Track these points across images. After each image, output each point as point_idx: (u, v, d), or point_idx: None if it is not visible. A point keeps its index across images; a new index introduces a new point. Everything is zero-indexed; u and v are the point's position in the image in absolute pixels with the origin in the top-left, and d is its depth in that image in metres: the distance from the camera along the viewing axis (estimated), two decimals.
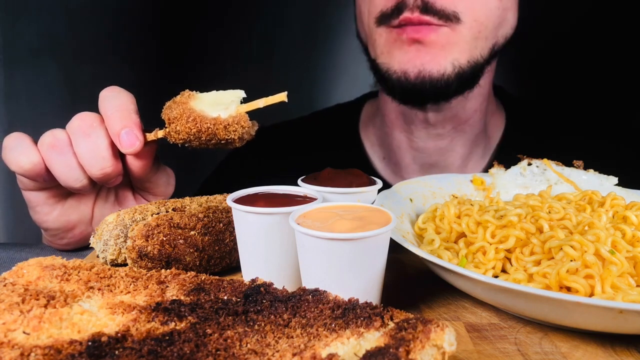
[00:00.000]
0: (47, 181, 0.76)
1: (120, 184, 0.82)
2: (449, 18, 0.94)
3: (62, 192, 0.80)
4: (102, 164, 0.73)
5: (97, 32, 1.84)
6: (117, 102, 0.74)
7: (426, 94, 0.99)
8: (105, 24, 1.84)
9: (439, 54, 0.96)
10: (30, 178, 0.75)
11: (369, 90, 1.38)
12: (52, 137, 0.73)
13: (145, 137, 0.74)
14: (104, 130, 0.73)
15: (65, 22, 1.81)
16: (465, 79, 1.00)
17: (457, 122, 1.11)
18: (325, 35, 1.88)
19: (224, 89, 0.76)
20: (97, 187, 0.83)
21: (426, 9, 0.93)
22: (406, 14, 0.94)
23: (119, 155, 0.76)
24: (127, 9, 1.85)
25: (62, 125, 0.76)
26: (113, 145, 0.74)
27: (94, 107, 0.76)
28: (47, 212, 0.80)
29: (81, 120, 0.73)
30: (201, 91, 0.74)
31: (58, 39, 1.81)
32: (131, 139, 0.72)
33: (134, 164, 0.76)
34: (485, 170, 1.07)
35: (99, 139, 0.73)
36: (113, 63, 1.83)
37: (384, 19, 0.98)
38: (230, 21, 1.90)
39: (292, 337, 0.42)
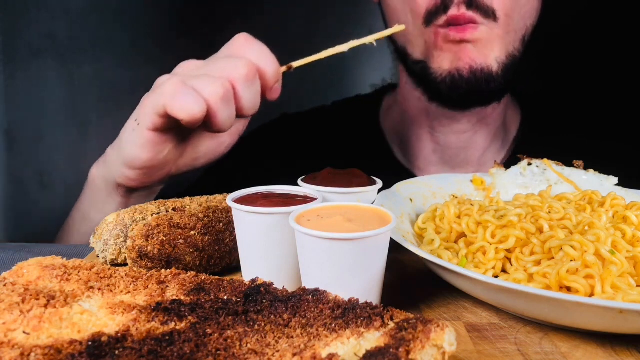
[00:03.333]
0: (196, 126, 0.76)
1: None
2: (488, 15, 0.96)
3: (182, 132, 0.82)
4: (255, 109, 0.78)
5: (97, 32, 1.84)
6: (268, 55, 0.77)
7: (480, 92, 1.00)
8: (105, 24, 1.84)
9: (483, 50, 0.98)
10: (190, 125, 0.74)
11: (369, 90, 1.38)
12: (223, 88, 0.73)
13: None
14: (258, 76, 0.77)
15: (65, 22, 1.81)
16: (509, 74, 1.02)
17: (482, 115, 1.12)
18: (325, 35, 1.88)
19: None
20: None
21: (470, 3, 0.95)
22: (453, 11, 0.95)
23: None
24: (128, 9, 1.85)
25: (63, 126, 0.76)
26: None
27: (94, 106, 0.76)
28: (161, 150, 0.80)
29: (249, 69, 0.74)
30: None
31: (58, 39, 1.81)
32: (278, 92, 0.80)
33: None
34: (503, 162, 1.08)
35: (257, 87, 0.77)
36: (113, 63, 1.83)
37: (431, 17, 0.99)
38: (231, 21, 1.90)
39: (292, 337, 0.42)
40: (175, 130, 0.79)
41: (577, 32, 1.63)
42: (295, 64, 0.80)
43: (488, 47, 0.98)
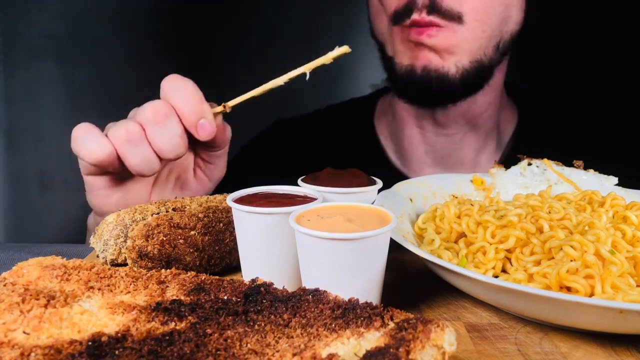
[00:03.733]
0: (117, 169, 0.77)
1: (182, 165, 0.87)
2: (452, 18, 0.97)
3: (123, 176, 0.81)
4: (177, 150, 0.76)
5: (97, 32, 1.84)
6: (186, 92, 0.76)
7: (432, 91, 1.01)
8: (105, 24, 1.84)
9: (442, 54, 0.99)
10: (101, 167, 0.76)
11: (369, 90, 1.39)
12: (126, 131, 0.73)
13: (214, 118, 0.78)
14: (177, 118, 0.76)
15: (65, 22, 1.81)
16: (469, 80, 1.02)
17: (470, 116, 1.12)
18: (325, 34, 1.88)
19: (224, 88, 0.77)
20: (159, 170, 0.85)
21: (433, 8, 0.96)
22: (414, 16, 0.97)
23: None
24: (127, 9, 1.85)
25: (63, 126, 0.76)
26: (185, 130, 0.77)
27: (93, 106, 0.77)
28: (107, 195, 0.81)
29: (155, 111, 0.74)
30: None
31: (58, 39, 1.81)
32: (207, 129, 0.76)
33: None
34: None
35: (173, 128, 0.75)
36: (113, 63, 1.83)
37: (397, 18, 1.00)
38: (230, 21, 1.90)
39: (292, 337, 0.42)
40: (114, 174, 0.80)
41: (575, 33, 1.63)
42: (230, 103, 0.79)
43: (448, 51, 0.99)
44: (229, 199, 0.63)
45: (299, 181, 0.71)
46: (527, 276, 0.60)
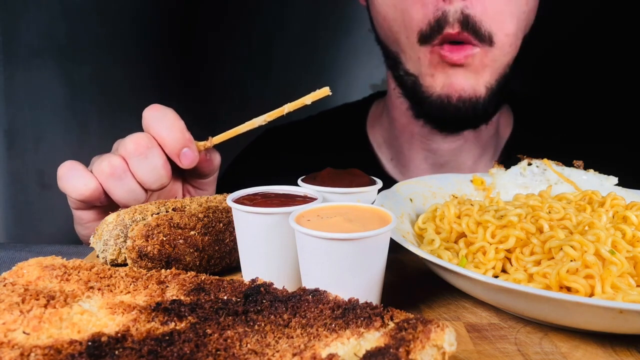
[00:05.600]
0: (103, 202, 0.79)
1: (170, 192, 0.88)
2: (484, 39, 0.95)
3: (111, 208, 0.82)
4: (160, 181, 0.78)
5: (97, 32, 1.84)
6: (167, 122, 0.77)
7: (466, 118, 1.01)
8: (105, 24, 1.85)
9: (474, 76, 0.98)
10: (88, 202, 0.78)
11: (369, 90, 1.38)
12: (109, 165, 0.75)
13: (198, 148, 0.80)
14: (159, 149, 0.77)
15: (65, 22, 1.81)
16: (496, 96, 1.02)
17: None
18: (325, 35, 1.88)
19: (223, 88, 0.78)
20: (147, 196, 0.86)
21: (467, 23, 0.93)
22: (447, 29, 0.94)
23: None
24: (127, 9, 1.85)
25: (63, 126, 0.77)
26: (168, 160, 0.78)
27: (93, 106, 0.77)
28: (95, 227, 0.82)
29: (136, 143, 0.76)
30: (198, 92, 0.75)
31: (58, 39, 1.81)
32: (189, 157, 0.78)
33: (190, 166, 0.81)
34: None
35: (155, 159, 0.76)
36: (113, 63, 1.83)
37: (426, 37, 0.97)
38: (230, 21, 1.90)
39: (292, 337, 0.42)
40: (102, 207, 0.81)
41: (574, 37, 1.63)
42: (215, 138, 0.81)
43: (480, 71, 0.97)
44: (229, 199, 0.63)
45: (299, 181, 0.71)
46: (527, 276, 0.60)
